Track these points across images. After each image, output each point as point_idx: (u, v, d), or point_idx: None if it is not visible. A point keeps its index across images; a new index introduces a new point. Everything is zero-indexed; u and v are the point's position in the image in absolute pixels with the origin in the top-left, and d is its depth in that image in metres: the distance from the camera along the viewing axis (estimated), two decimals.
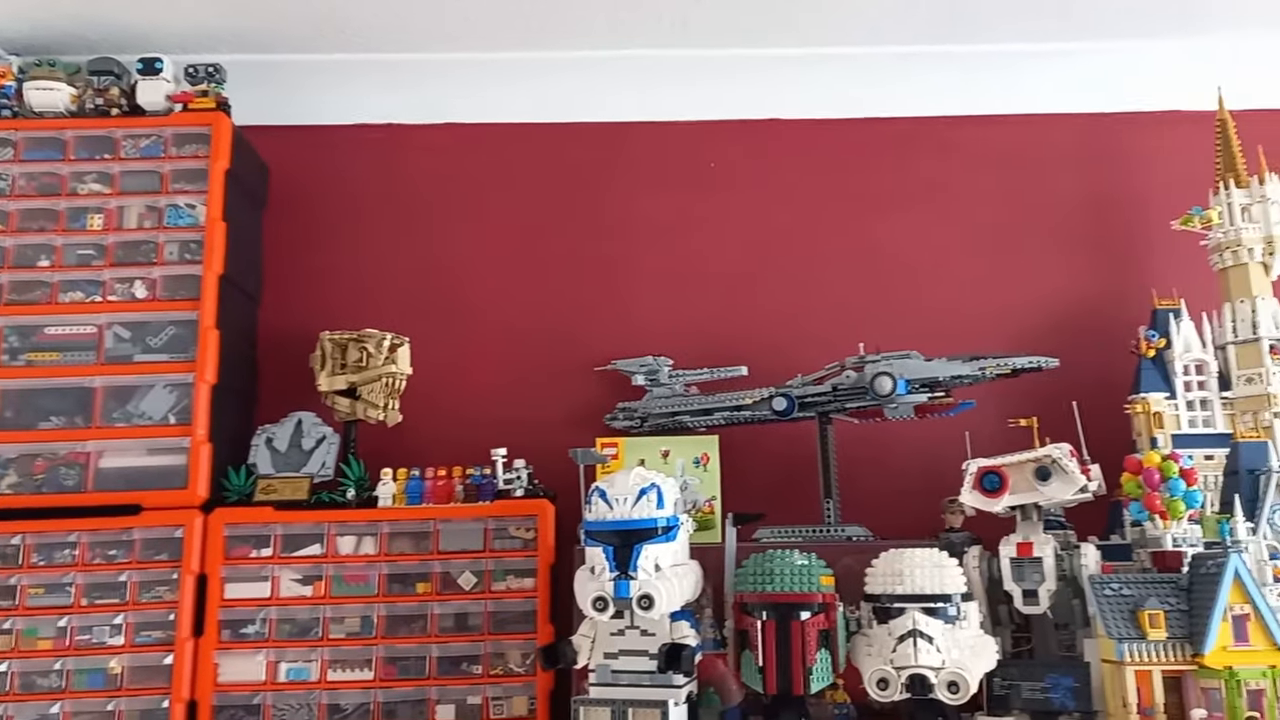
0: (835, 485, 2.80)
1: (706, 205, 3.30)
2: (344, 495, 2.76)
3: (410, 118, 3.33)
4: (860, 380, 2.72)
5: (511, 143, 3.33)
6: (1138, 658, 2.16)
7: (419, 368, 2.98)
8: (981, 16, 3.17)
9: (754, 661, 2.23)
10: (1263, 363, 2.71)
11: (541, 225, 3.28)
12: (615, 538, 2.23)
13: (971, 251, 3.23)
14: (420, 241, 3.26)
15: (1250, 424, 2.69)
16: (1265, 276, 2.80)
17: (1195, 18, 3.18)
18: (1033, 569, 2.39)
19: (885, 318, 3.11)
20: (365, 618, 2.66)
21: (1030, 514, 2.48)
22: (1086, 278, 3.20)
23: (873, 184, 3.29)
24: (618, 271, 3.25)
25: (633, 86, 3.34)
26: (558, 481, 2.75)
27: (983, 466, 2.44)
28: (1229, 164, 2.91)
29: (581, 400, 3.10)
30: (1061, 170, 3.28)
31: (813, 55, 3.34)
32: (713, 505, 2.81)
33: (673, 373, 2.98)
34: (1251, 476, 2.48)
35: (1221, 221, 2.81)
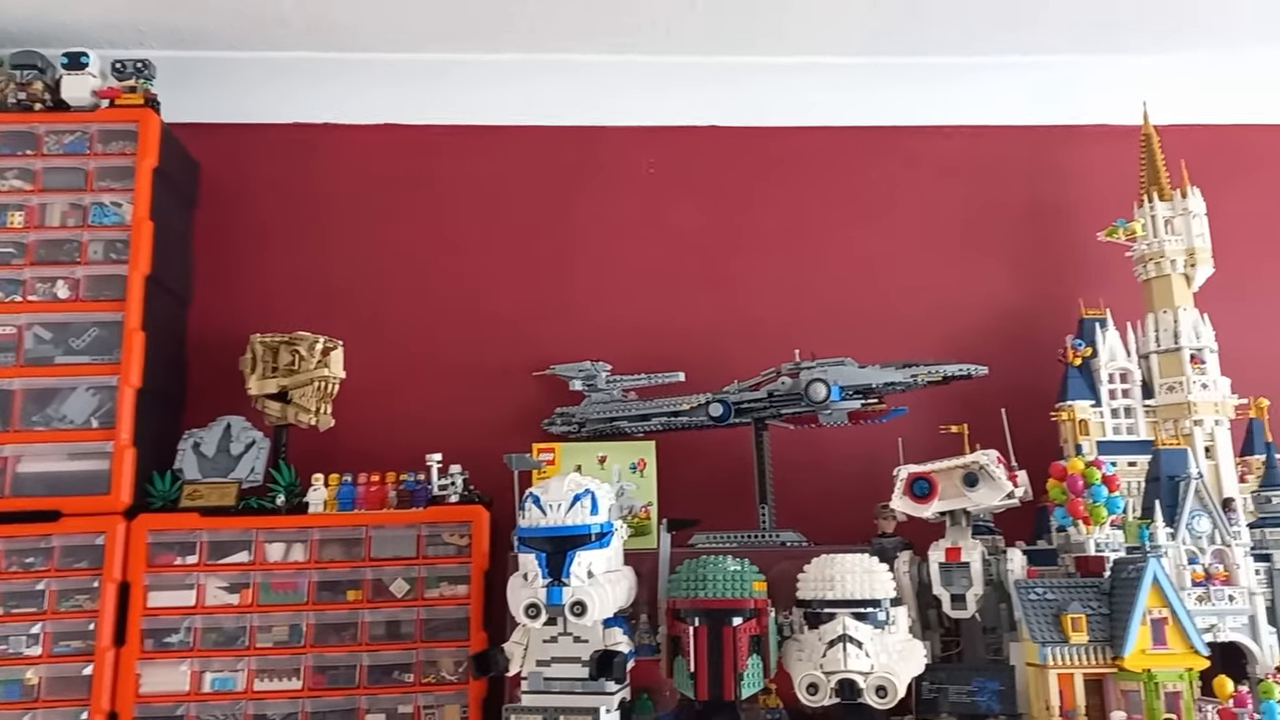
0: (770, 491, 2.82)
1: (646, 210, 3.30)
2: (273, 501, 2.71)
3: (346, 118, 3.29)
4: (795, 386, 2.74)
5: (448, 144, 3.30)
6: (1060, 661, 2.20)
7: (352, 371, 2.93)
8: (924, 30, 3.22)
9: (686, 667, 2.23)
10: (1183, 372, 2.78)
11: (480, 228, 3.26)
12: (548, 544, 2.22)
13: (906, 260, 3.27)
14: (355, 243, 3.22)
15: (1171, 431, 2.76)
16: (1187, 288, 2.88)
17: (1124, 36, 3.26)
18: (961, 574, 2.43)
19: (821, 324, 3.14)
20: (294, 626, 2.61)
21: (959, 519, 2.52)
22: (1017, 287, 3.26)
23: (812, 192, 3.33)
24: (556, 275, 3.24)
25: (572, 91, 3.33)
26: (494, 487, 2.74)
27: (913, 473, 2.48)
28: (1153, 178, 2.98)
29: (519, 405, 3.08)
30: (995, 182, 3.34)
31: (753, 64, 3.36)
32: (649, 511, 2.81)
33: (611, 378, 2.98)
34: (1171, 483, 2.54)
35: (1145, 234, 2.89)
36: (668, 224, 3.29)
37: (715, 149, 3.34)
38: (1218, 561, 2.47)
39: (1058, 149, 3.35)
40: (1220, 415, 2.76)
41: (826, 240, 3.28)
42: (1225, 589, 2.43)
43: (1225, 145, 3.29)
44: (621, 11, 3.11)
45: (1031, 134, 3.36)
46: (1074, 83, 3.37)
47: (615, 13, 3.12)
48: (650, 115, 3.35)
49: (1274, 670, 2.34)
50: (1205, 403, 2.75)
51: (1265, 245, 3.25)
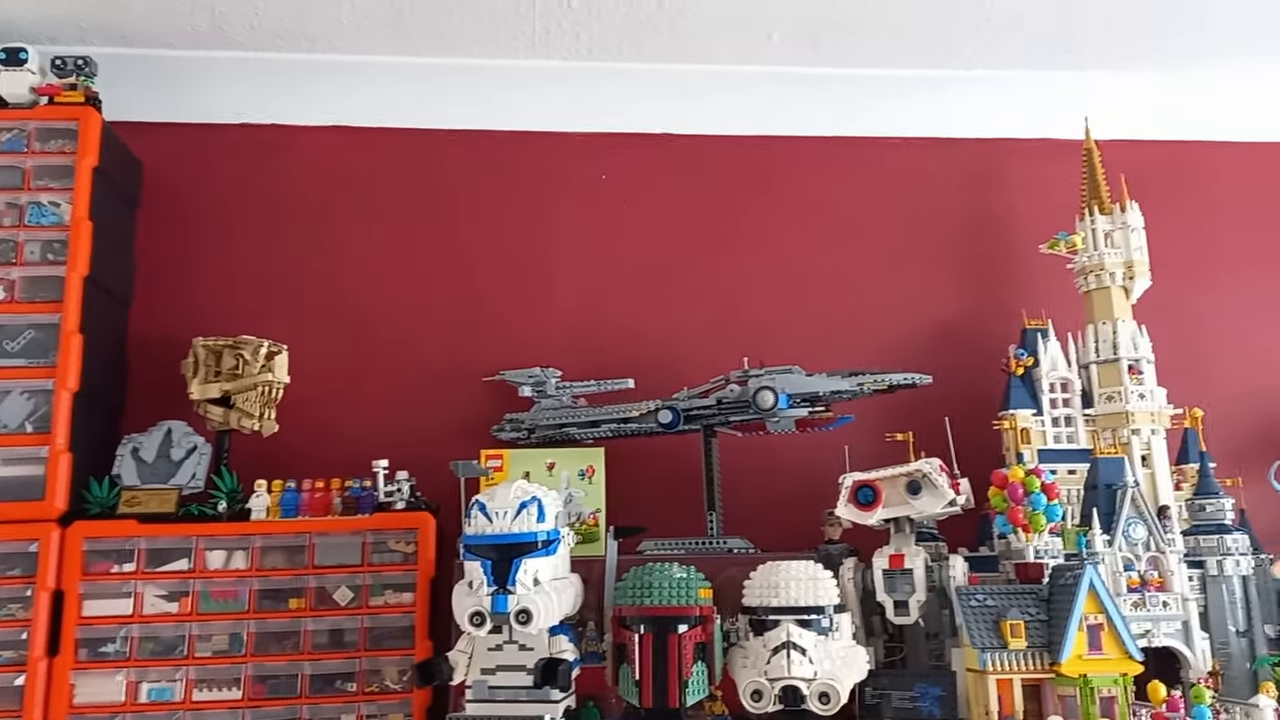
0: (719, 498, 2.83)
1: (598, 218, 3.30)
2: (215, 508, 2.66)
3: (295, 119, 3.24)
4: (743, 394, 2.75)
5: (399, 148, 3.27)
6: (999, 667, 2.23)
7: (297, 376, 2.89)
8: (870, 42, 3.26)
9: (631, 675, 2.23)
10: (1122, 382, 2.84)
11: (429, 233, 3.23)
12: (494, 552, 2.22)
13: (853, 269, 3.31)
14: (301, 246, 3.18)
15: (1109, 440, 2.82)
16: (1125, 300, 2.94)
17: (1067, 52, 3.33)
18: (904, 580, 2.46)
19: (770, 333, 3.16)
20: (234, 635, 2.57)
21: (903, 527, 2.55)
22: (962, 298, 3.31)
23: (761, 201, 3.35)
24: (507, 281, 3.22)
25: (526, 96, 3.32)
26: (441, 494, 2.72)
27: (857, 480, 2.51)
28: (1094, 192, 3.05)
29: (467, 411, 3.05)
30: (942, 193, 3.39)
31: (704, 72, 3.38)
32: (597, 518, 2.81)
33: (560, 384, 2.97)
34: (1109, 491, 2.60)
35: (1085, 247, 2.95)
36: (620, 232, 3.29)
37: (665, 157, 3.35)
38: (1152, 568, 2.52)
39: (1002, 162, 3.41)
40: (1156, 425, 2.82)
41: (775, 249, 3.31)
42: (1160, 595, 2.48)
43: (1163, 161, 3.37)
44: (576, 19, 3.11)
45: (976, 146, 3.41)
46: (1018, 97, 3.43)
47: (570, 19, 3.11)
48: (602, 122, 3.35)
49: (1206, 675, 2.40)
50: (1142, 412, 2.81)
51: (1200, 259, 3.34)
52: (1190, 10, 3.13)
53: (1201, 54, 3.35)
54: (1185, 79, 3.45)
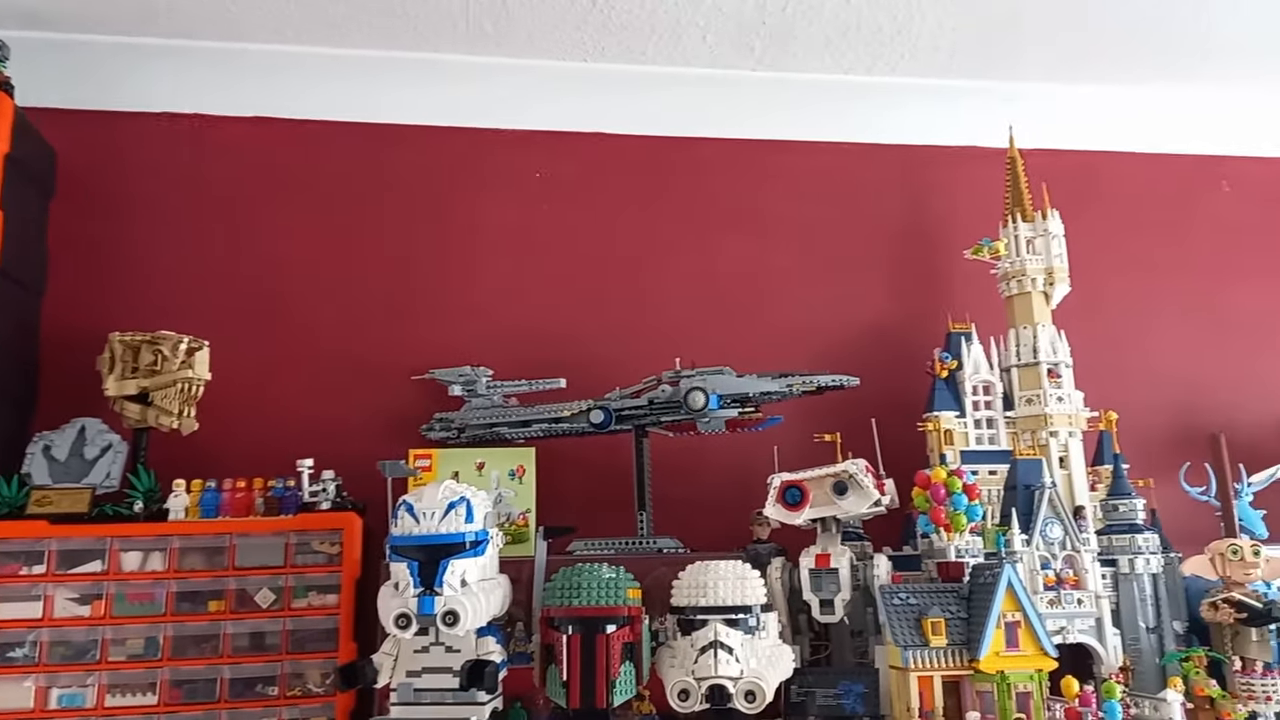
0: (649, 498, 2.83)
1: (531, 215, 3.29)
2: (131, 508, 2.59)
3: (218, 109, 3.17)
4: (675, 395, 2.76)
5: (326, 141, 3.22)
6: (921, 664, 2.28)
7: (219, 373, 2.82)
8: (805, 48, 3.30)
9: (559, 676, 2.22)
10: (1041, 385, 2.91)
11: (358, 228, 3.19)
12: (421, 553, 2.19)
13: (783, 272, 3.35)
14: (224, 240, 3.11)
15: (1029, 442, 2.89)
16: (1046, 305, 3.02)
17: (994, 63, 3.41)
18: (830, 579, 2.50)
19: (702, 334, 3.18)
20: (150, 639, 2.50)
21: (829, 526, 2.58)
22: (889, 301, 3.37)
23: (695, 202, 3.37)
24: (438, 278, 3.19)
25: (457, 92, 3.30)
26: (369, 494, 2.67)
27: (785, 481, 2.53)
28: (1016, 199, 3.12)
29: (396, 410, 3.01)
30: (871, 198, 3.45)
31: (644, 73, 3.39)
32: (527, 518, 2.79)
33: (491, 383, 2.95)
34: (1027, 491, 2.66)
35: (1008, 253, 3.02)
36: (553, 230, 3.29)
37: (601, 156, 3.35)
38: (1068, 567, 2.60)
39: (929, 168, 3.48)
40: (1074, 427, 2.90)
41: (707, 251, 3.33)
42: (1075, 593, 2.56)
43: (1082, 171, 3.48)
44: (510, 15, 3.09)
45: (904, 153, 3.48)
46: (945, 105, 3.51)
47: (504, 15, 3.09)
48: (537, 120, 3.34)
49: (1117, 671, 2.48)
50: (1060, 415, 2.89)
51: (1117, 266, 3.44)
52: (1110, 29, 3.23)
53: (1119, 71, 3.46)
54: (1105, 92, 3.56)
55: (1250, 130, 3.65)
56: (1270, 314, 3.51)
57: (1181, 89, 3.58)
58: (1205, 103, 3.61)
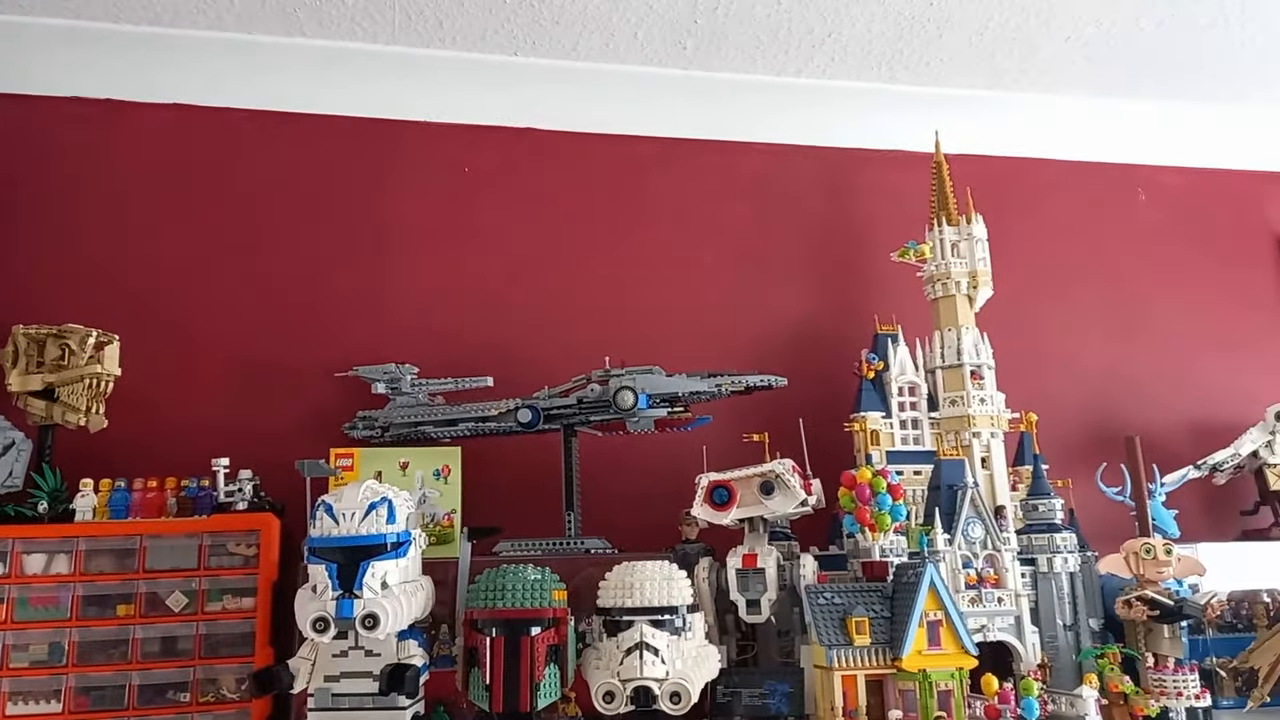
0: (577, 498, 2.81)
1: (461, 212, 3.24)
2: (34, 508, 2.48)
3: (129, 94, 3.06)
4: (604, 394, 2.74)
5: (247, 130, 3.13)
6: (844, 663, 2.29)
7: (130, 368, 2.72)
8: (736, 47, 3.30)
9: (481, 679, 2.18)
10: (964, 387, 2.96)
11: (279, 220, 3.11)
12: (340, 555, 2.13)
13: (713, 272, 3.35)
14: (137, 230, 3.00)
15: (953, 443, 2.94)
16: (969, 308, 3.06)
17: (920, 67, 3.45)
18: (757, 579, 2.50)
19: (631, 333, 3.15)
20: (54, 644, 2.40)
21: (757, 526, 2.58)
22: (817, 302, 3.40)
23: (623, 200, 3.36)
24: (362, 273, 3.13)
25: (381, 83, 3.23)
26: (288, 494, 2.60)
27: (713, 481, 2.53)
28: (942, 203, 3.17)
29: (318, 408, 2.94)
30: (799, 199, 3.48)
31: (574, 68, 3.36)
32: (452, 519, 2.75)
33: (416, 381, 2.89)
34: (950, 491, 2.70)
35: (934, 256, 3.06)
36: (480, 226, 3.24)
37: (529, 152, 3.32)
38: (989, 565, 2.64)
39: (856, 170, 3.52)
40: (995, 428, 2.95)
41: (637, 249, 3.32)
42: (995, 591, 2.60)
43: (1006, 176, 3.54)
44: (439, 6, 3.03)
45: (831, 155, 3.51)
46: (873, 109, 3.54)
47: (433, 6, 3.04)
48: (466, 113, 3.29)
49: (1035, 668, 2.52)
50: (983, 416, 2.94)
51: (1037, 271, 3.52)
52: (1030, 36, 3.30)
53: (1041, 77, 3.54)
54: (1028, 100, 3.64)
55: (1165, 141, 3.76)
56: (1183, 320, 3.62)
57: (1102, 100, 3.67)
58: (1124, 114, 3.71)
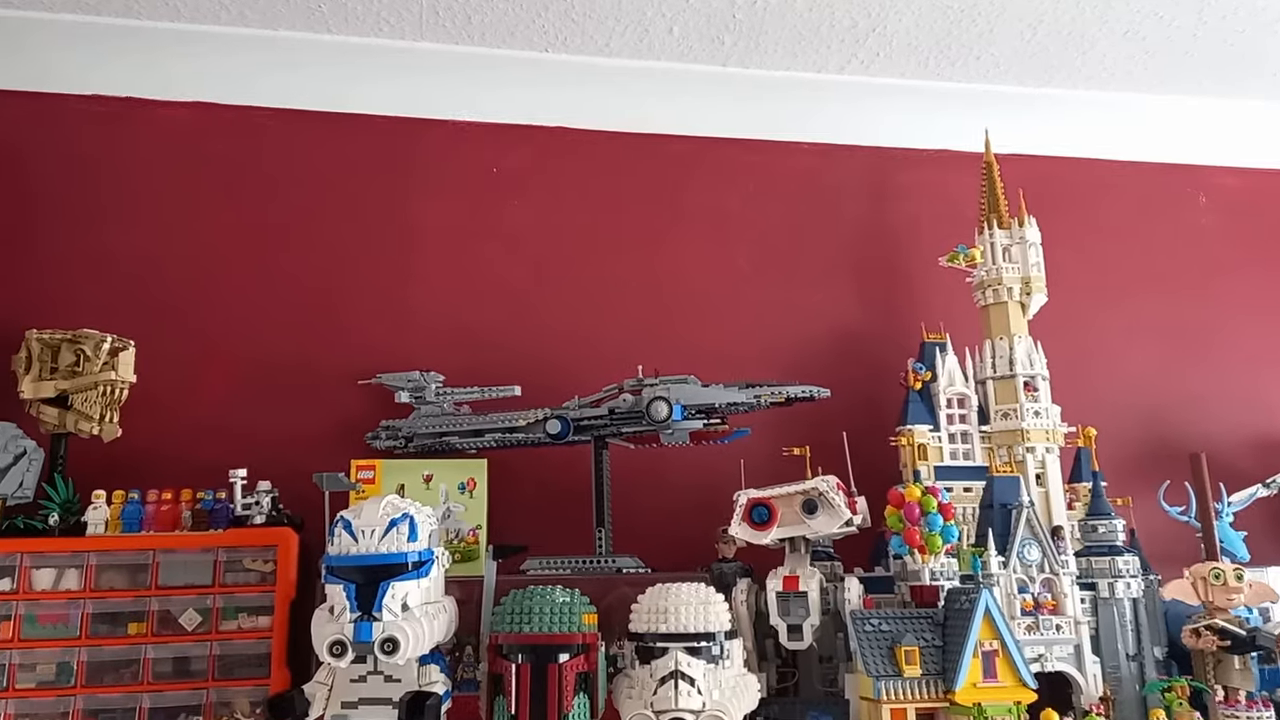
0: (609, 513, 2.68)
1: (488, 213, 3.13)
2: (45, 521, 2.38)
3: (147, 92, 2.96)
4: (637, 404, 2.61)
5: (269, 128, 3.03)
6: (893, 695, 2.14)
7: (146, 375, 2.62)
8: (774, 43, 3.17)
9: (506, 708, 2.05)
10: (1017, 399, 2.80)
11: (302, 221, 3.00)
12: (359, 574, 2.01)
13: (753, 278, 3.21)
14: (156, 231, 2.90)
15: (1005, 458, 2.78)
16: (1022, 315, 2.91)
17: (969, 62, 3.29)
18: (799, 604, 2.35)
19: (665, 341, 3.03)
20: (63, 664, 2.29)
21: (798, 546, 2.44)
22: (860, 309, 3.24)
23: (659, 203, 3.22)
24: (385, 277, 3.01)
25: (410, 81, 3.12)
26: (307, 507, 2.47)
27: (752, 498, 2.39)
28: (993, 205, 3.01)
29: (340, 416, 2.83)
30: (842, 201, 3.32)
31: (607, 65, 3.24)
32: (477, 535, 2.62)
33: (441, 390, 2.78)
34: (1004, 510, 2.54)
35: (984, 260, 2.90)
36: (509, 228, 3.12)
37: (559, 152, 3.19)
38: (1046, 590, 2.48)
39: (902, 171, 3.36)
40: (1051, 443, 2.79)
41: (671, 253, 3.18)
42: (1053, 618, 2.43)
43: (1059, 177, 3.38)
44: (471, 1, 2.92)
45: (875, 154, 3.36)
46: (918, 106, 3.39)
47: (466, 2, 2.93)
48: (496, 113, 3.18)
49: (1097, 701, 2.36)
50: (1037, 430, 2.78)
51: (1091, 277, 3.35)
52: (1086, 30, 3.14)
53: (1096, 73, 3.37)
54: (1082, 97, 3.47)
55: (1226, 140, 3.58)
56: (1246, 329, 3.43)
57: (1160, 98, 3.49)
58: (1184, 112, 3.53)
